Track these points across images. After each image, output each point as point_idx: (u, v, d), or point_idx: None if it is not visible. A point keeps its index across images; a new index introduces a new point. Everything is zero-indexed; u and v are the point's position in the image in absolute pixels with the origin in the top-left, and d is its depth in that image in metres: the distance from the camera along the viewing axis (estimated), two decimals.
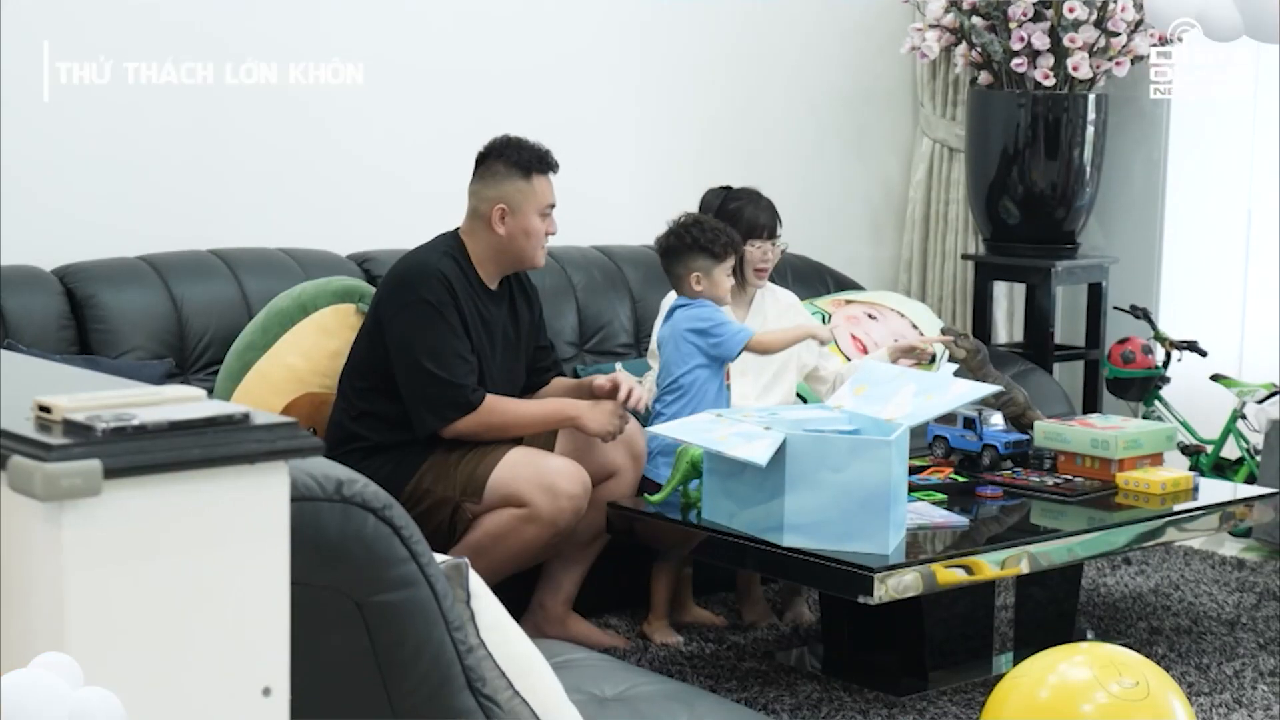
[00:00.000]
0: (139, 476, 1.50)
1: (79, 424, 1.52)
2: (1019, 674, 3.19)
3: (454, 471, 4.12)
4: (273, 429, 1.59)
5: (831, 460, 3.77)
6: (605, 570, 4.46)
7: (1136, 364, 5.86)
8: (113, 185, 4.75)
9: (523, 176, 4.23)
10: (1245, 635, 4.60)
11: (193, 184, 4.89)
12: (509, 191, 4.22)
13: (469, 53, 5.42)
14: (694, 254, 4.47)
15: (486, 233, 4.23)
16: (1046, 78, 5.86)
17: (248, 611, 1.60)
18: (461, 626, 1.98)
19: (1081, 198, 6.07)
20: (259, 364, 4.43)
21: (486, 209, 4.23)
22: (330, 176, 5.17)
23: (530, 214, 4.23)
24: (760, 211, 4.76)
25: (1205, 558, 5.38)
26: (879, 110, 6.51)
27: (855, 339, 5.33)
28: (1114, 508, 4.37)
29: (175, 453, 1.52)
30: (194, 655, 1.56)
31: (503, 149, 4.27)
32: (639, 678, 2.87)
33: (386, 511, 1.87)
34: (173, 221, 4.83)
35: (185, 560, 1.55)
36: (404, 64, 5.27)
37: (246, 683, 1.60)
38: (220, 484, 1.56)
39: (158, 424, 1.53)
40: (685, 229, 4.49)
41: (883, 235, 6.60)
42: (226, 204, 4.96)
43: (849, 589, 3.73)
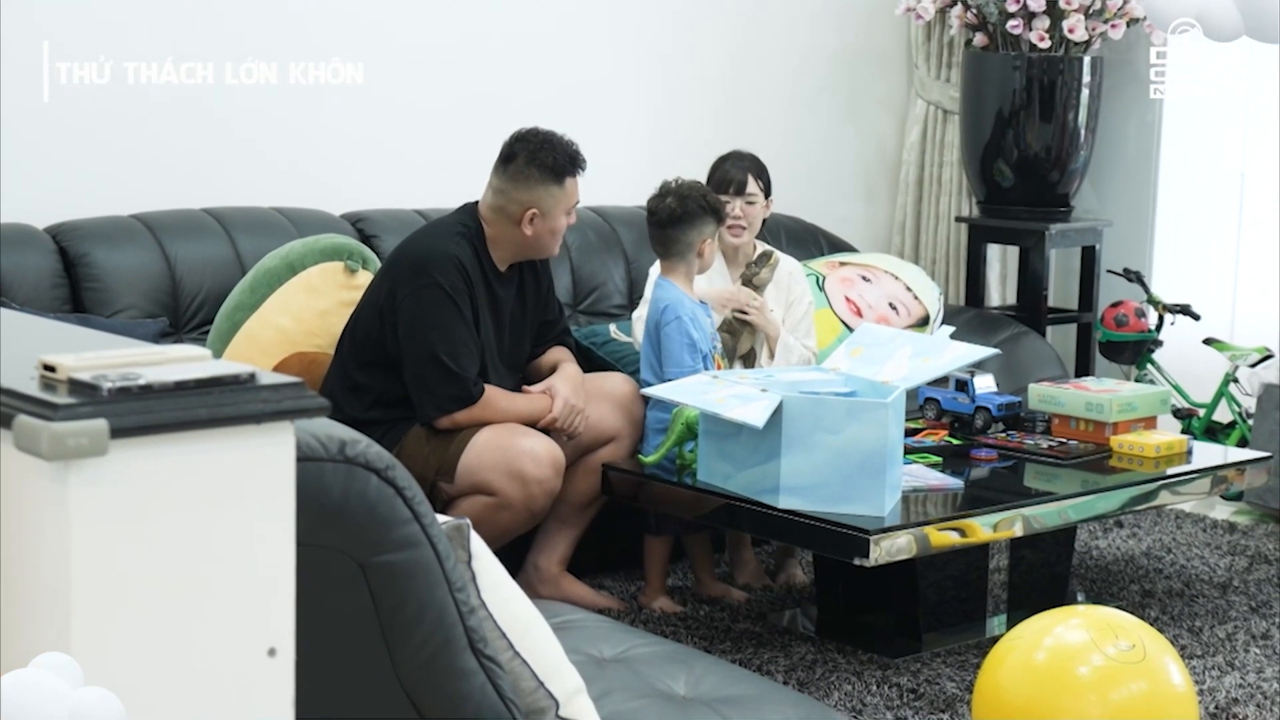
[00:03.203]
0: (145, 436, 1.49)
1: (85, 383, 1.51)
2: (1015, 636, 3.20)
3: (428, 450, 4.10)
4: (278, 389, 1.58)
5: (828, 422, 3.77)
6: (599, 532, 4.46)
7: (1129, 327, 5.86)
8: (107, 144, 4.73)
9: (555, 182, 4.17)
10: (1237, 598, 4.61)
11: (188, 144, 4.87)
12: (541, 196, 4.16)
13: (463, 17, 5.39)
14: (705, 219, 4.41)
15: (512, 229, 4.18)
16: (1042, 40, 5.84)
17: (253, 572, 1.59)
18: (463, 587, 1.97)
19: (1076, 161, 6.06)
20: (248, 324, 4.40)
21: (517, 211, 4.16)
22: (323, 138, 5.15)
23: (558, 216, 4.20)
24: (731, 167, 4.73)
25: (1197, 521, 5.39)
26: (873, 72, 6.49)
27: (849, 301, 5.32)
28: (1107, 471, 4.38)
29: (181, 412, 1.51)
30: (199, 615, 1.56)
31: (535, 151, 4.16)
32: (636, 639, 2.87)
33: (389, 472, 1.86)
34: (167, 179, 4.81)
35: (191, 520, 1.54)
36: (401, 37, 5.24)
37: (252, 643, 1.59)
38: (226, 444, 1.55)
39: (163, 384, 1.52)
40: (691, 193, 4.41)
41: (876, 197, 6.59)
42: (221, 164, 4.93)
43: (844, 551, 3.74)
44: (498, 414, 4.13)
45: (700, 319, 4.37)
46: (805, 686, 3.87)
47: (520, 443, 4.07)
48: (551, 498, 4.11)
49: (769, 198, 4.79)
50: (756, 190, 4.72)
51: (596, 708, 2.23)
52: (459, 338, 4.07)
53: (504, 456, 4.04)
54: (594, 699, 2.25)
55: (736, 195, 4.69)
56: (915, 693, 3.85)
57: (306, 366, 4.34)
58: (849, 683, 3.89)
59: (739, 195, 4.69)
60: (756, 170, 4.76)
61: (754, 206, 4.72)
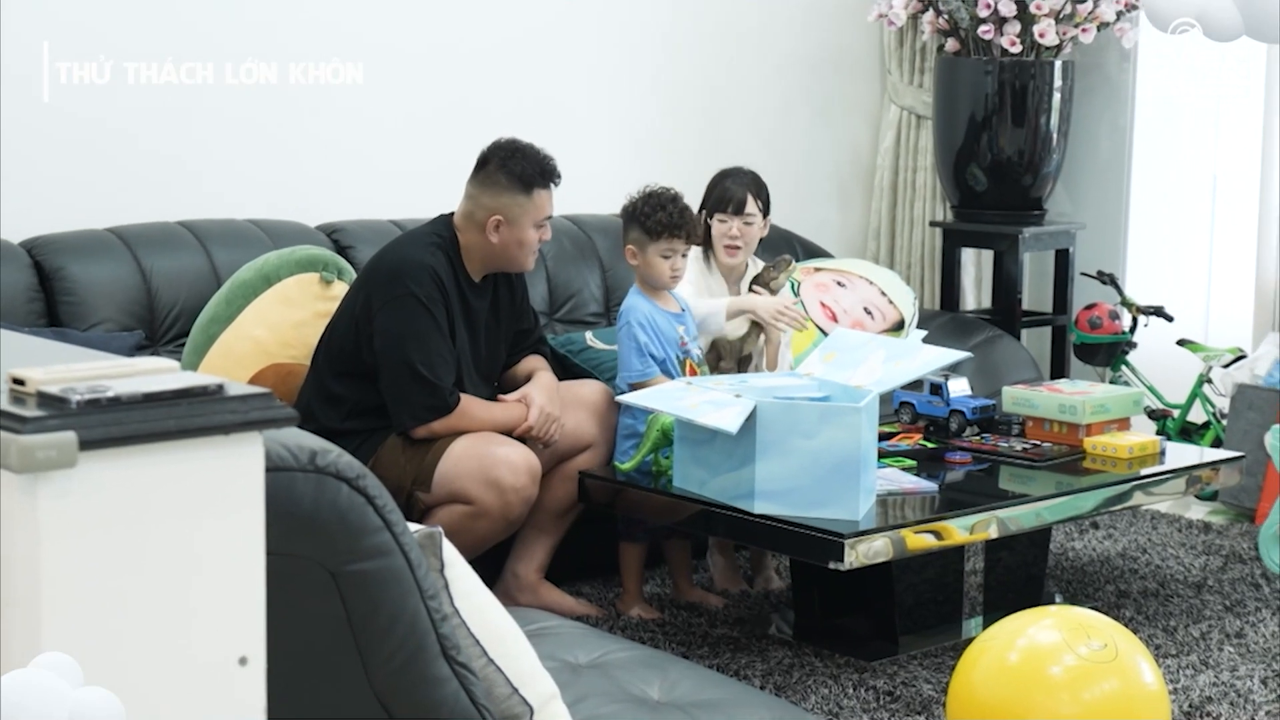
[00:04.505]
0: (114, 448, 1.50)
1: (53, 396, 1.52)
2: (988, 637, 3.22)
3: (404, 460, 4.10)
4: (247, 400, 1.59)
5: (802, 427, 3.79)
6: (577, 539, 4.47)
7: (1103, 329, 5.89)
8: (84, 159, 4.74)
9: (523, 191, 4.16)
10: (1211, 598, 4.64)
11: (165, 158, 4.88)
12: (507, 204, 4.15)
13: (437, 25, 5.40)
14: (631, 226, 4.41)
15: (479, 236, 4.18)
16: (1013, 45, 5.87)
17: (223, 581, 1.60)
18: (436, 595, 1.98)
19: (1048, 164, 6.09)
20: (223, 337, 4.41)
21: (482, 216, 4.16)
22: (300, 147, 5.16)
23: (526, 227, 4.18)
24: (733, 185, 4.69)
25: (1172, 521, 5.42)
26: (847, 78, 6.51)
27: (825, 306, 5.34)
28: (1081, 472, 4.41)
29: (150, 424, 1.52)
30: (170, 625, 1.57)
31: (506, 158, 4.17)
32: (612, 644, 2.89)
33: (360, 481, 1.87)
34: (141, 192, 4.81)
35: (161, 531, 1.55)
36: (383, 43, 5.26)
37: (223, 652, 1.60)
38: (195, 455, 1.56)
39: (132, 396, 1.53)
40: (634, 199, 4.44)
41: (851, 202, 6.61)
42: (197, 175, 4.95)
43: (820, 555, 3.76)
44: (474, 423, 4.14)
45: (661, 324, 4.38)
46: (782, 690, 3.88)
47: (496, 451, 4.08)
48: (528, 506, 4.12)
49: (767, 216, 4.74)
50: (755, 210, 4.67)
51: (571, 713, 2.24)
52: (434, 347, 4.08)
53: (480, 465, 4.05)
54: (569, 705, 2.26)
55: (735, 215, 4.65)
56: (892, 695, 3.86)
57: (282, 378, 4.34)
58: (826, 686, 3.91)
59: (738, 215, 4.65)
60: (756, 189, 4.71)
61: (751, 227, 4.67)
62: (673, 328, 4.41)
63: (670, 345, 4.38)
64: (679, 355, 4.40)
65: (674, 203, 4.41)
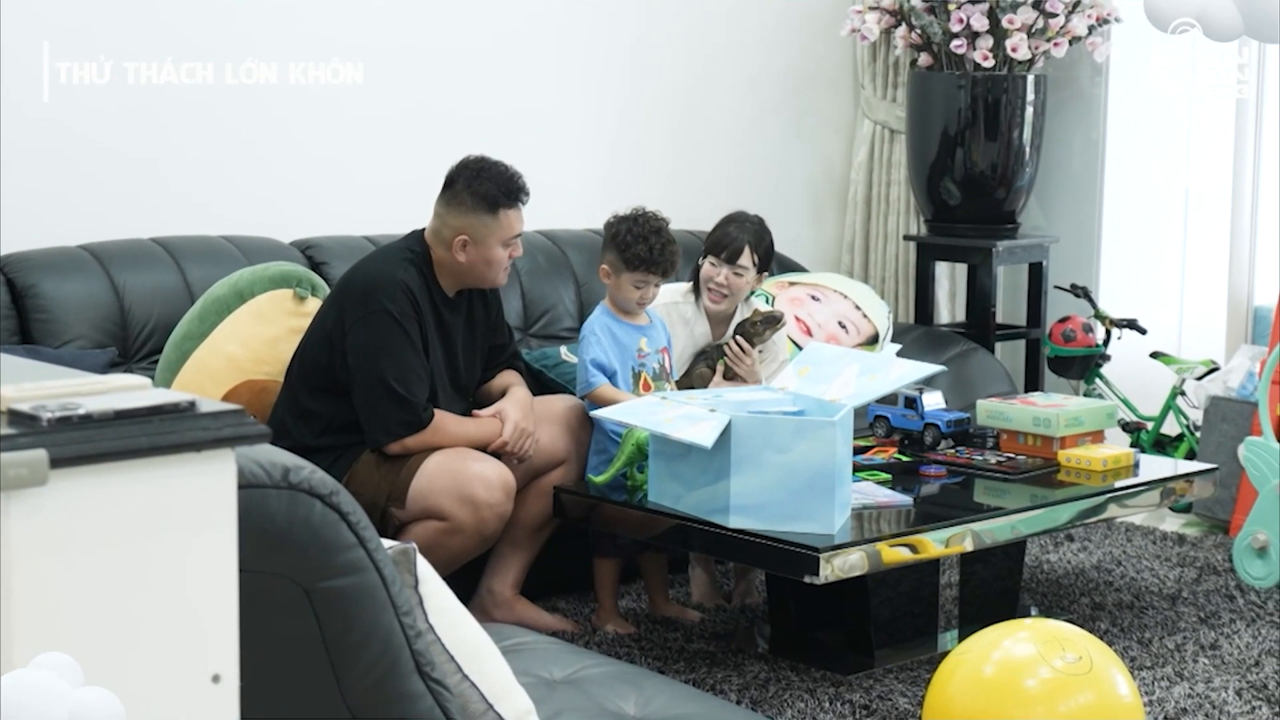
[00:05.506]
0: (85, 466, 1.50)
1: (24, 414, 1.51)
2: (964, 650, 3.23)
3: (379, 476, 4.10)
4: (219, 416, 1.59)
5: (776, 441, 3.79)
6: (552, 554, 4.47)
7: (1077, 342, 5.91)
8: (55, 175, 4.73)
9: (488, 211, 4.13)
10: (1186, 609, 4.65)
11: (137, 173, 4.88)
12: (473, 224, 4.13)
13: (409, 35, 5.39)
14: (610, 248, 4.40)
15: (447, 254, 4.17)
16: (986, 59, 5.89)
17: (196, 599, 1.60)
18: (410, 611, 1.98)
19: (1021, 178, 6.11)
20: (196, 353, 4.40)
21: (449, 235, 4.15)
22: (275, 160, 5.15)
23: (493, 246, 4.16)
24: (735, 232, 4.61)
25: (1146, 533, 5.43)
26: (820, 92, 6.53)
27: (799, 320, 5.35)
28: (1056, 485, 4.42)
29: (121, 441, 1.52)
30: (142, 643, 1.56)
31: (472, 178, 4.15)
32: (587, 660, 2.89)
33: (333, 498, 1.87)
34: (114, 208, 4.81)
35: (132, 549, 1.54)
36: (365, 45, 5.25)
37: (196, 670, 1.60)
38: (167, 472, 1.56)
39: (103, 413, 1.53)
40: (620, 220, 4.42)
41: (825, 217, 6.63)
42: (170, 192, 4.94)
43: (795, 569, 3.76)
44: (448, 438, 4.14)
45: (619, 334, 4.40)
46: (758, 705, 3.88)
47: (471, 467, 4.08)
48: (503, 521, 4.12)
49: (763, 272, 4.67)
50: (749, 264, 4.58)
51: None
52: (408, 363, 4.07)
53: (455, 481, 4.05)
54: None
55: (727, 263, 4.59)
56: (868, 709, 3.87)
57: (256, 394, 4.34)
58: (802, 700, 3.91)
59: (729, 264, 4.58)
60: (756, 240, 4.62)
61: (740, 279, 4.59)
62: (633, 338, 4.41)
63: (627, 356, 4.38)
64: (634, 367, 4.39)
65: (657, 235, 4.37)
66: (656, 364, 4.46)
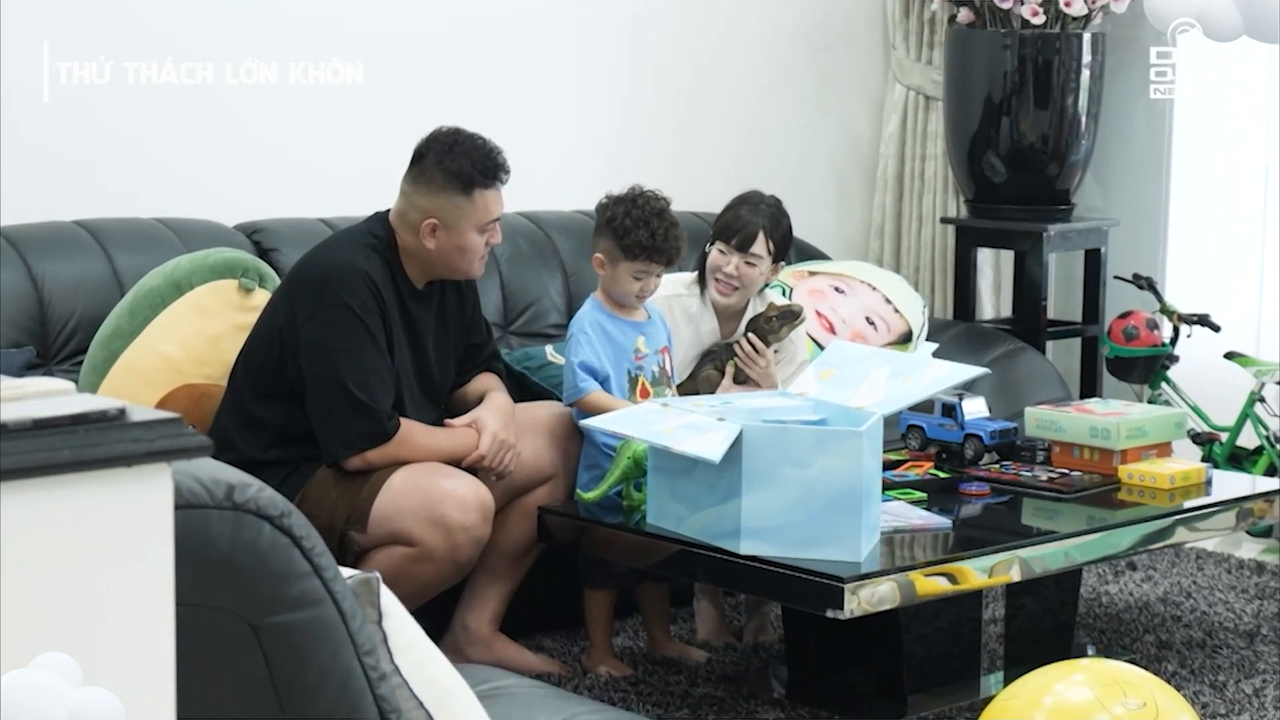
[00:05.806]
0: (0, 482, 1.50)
1: None
2: (1010, 695, 3.22)
3: (336, 494, 4.09)
4: (152, 426, 1.59)
5: (794, 455, 3.79)
6: (536, 585, 4.47)
7: (1140, 341, 5.92)
8: (55, 175, 4.96)
9: (461, 192, 4.13)
10: (1266, 649, 4.66)
11: (137, 173, 5.09)
12: (443, 205, 4.13)
13: (390, 10, 5.44)
14: (605, 233, 4.38)
15: (414, 240, 4.17)
16: (1035, 15, 5.90)
17: (127, 634, 1.60)
18: (372, 651, 1.99)
19: (1076, 152, 6.12)
20: (127, 353, 4.40)
21: (416, 218, 4.15)
22: (275, 160, 5.30)
23: (467, 231, 4.16)
24: (747, 215, 4.62)
25: (1220, 561, 5.44)
26: (845, 55, 6.54)
27: (821, 316, 5.36)
28: (1116, 505, 4.43)
29: (41, 454, 1.52)
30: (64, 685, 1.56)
31: (443, 153, 4.14)
32: (576, 706, 2.88)
33: (284, 520, 1.87)
34: (115, 209, 4.91)
35: (55, 577, 1.54)
36: (315, 37, 5.32)
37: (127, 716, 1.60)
38: (93, 490, 1.56)
39: (20, 422, 1.53)
40: (615, 202, 4.40)
41: (850, 197, 6.64)
42: (170, 193, 5.09)
43: (816, 602, 3.76)
44: (416, 452, 4.14)
45: (612, 333, 4.40)
46: None
47: (442, 484, 4.08)
48: (479, 547, 4.12)
49: (780, 260, 4.67)
50: (763, 252, 4.59)
51: None
52: (370, 365, 4.07)
53: (424, 501, 4.05)
54: None
55: (738, 250, 4.59)
56: None
57: (196, 400, 4.34)
58: None
59: (740, 251, 4.59)
60: (771, 224, 4.62)
61: (753, 269, 4.60)
62: (629, 338, 4.41)
63: (622, 356, 4.38)
64: (631, 370, 4.39)
65: (659, 218, 4.36)
66: (656, 366, 4.47)
